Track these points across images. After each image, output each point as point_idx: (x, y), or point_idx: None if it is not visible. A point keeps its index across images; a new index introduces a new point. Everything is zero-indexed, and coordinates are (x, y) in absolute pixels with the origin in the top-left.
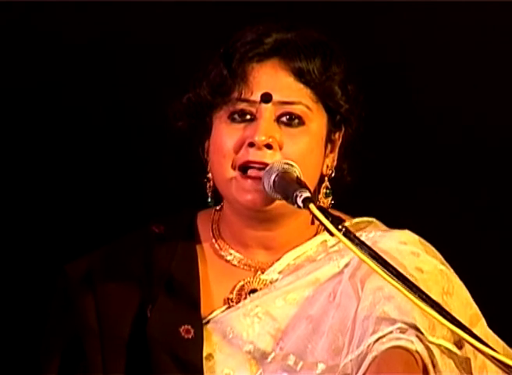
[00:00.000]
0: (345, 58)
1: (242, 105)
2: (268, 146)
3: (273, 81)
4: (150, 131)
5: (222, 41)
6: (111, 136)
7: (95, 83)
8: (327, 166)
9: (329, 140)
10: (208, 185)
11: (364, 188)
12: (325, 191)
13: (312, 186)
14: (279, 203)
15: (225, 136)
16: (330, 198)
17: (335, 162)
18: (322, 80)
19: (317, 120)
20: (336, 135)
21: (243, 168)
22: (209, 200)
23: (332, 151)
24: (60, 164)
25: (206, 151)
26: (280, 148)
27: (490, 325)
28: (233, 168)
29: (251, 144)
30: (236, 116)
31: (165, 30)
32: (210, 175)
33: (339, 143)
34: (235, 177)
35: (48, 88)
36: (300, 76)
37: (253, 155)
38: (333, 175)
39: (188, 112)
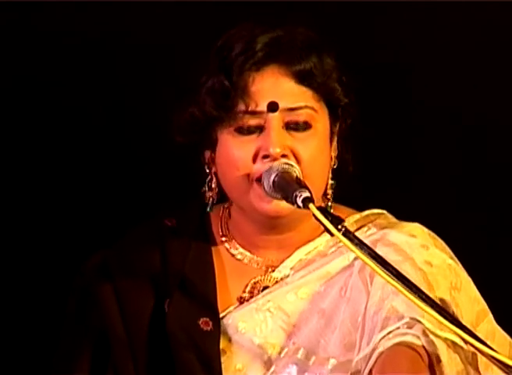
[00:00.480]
0: (334, 50)
1: (249, 120)
2: (283, 155)
3: (275, 88)
4: (150, 129)
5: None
6: (112, 134)
7: (96, 83)
8: (331, 158)
9: (331, 132)
10: (208, 195)
11: (369, 184)
12: (331, 182)
13: (325, 184)
14: (294, 209)
15: (235, 148)
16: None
17: (336, 152)
18: (324, 80)
19: (321, 120)
20: (336, 127)
21: (260, 179)
22: (208, 209)
23: (332, 142)
24: (64, 163)
25: (207, 161)
26: (294, 155)
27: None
28: (249, 180)
29: (266, 156)
30: (243, 129)
31: (165, 30)
32: (213, 185)
33: (337, 131)
34: (252, 188)
35: (48, 88)
36: (301, 78)
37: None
38: (335, 166)
39: (192, 128)
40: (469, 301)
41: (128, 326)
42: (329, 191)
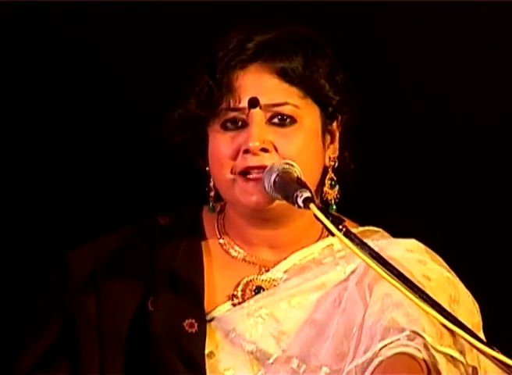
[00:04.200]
0: (330, 51)
1: (233, 116)
2: (264, 150)
3: (258, 85)
4: (152, 127)
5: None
6: (114, 132)
7: (95, 82)
8: (329, 158)
9: (327, 131)
10: (210, 194)
11: (366, 198)
12: (330, 182)
13: (315, 181)
14: (283, 203)
15: (221, 145)
16: (336, 189)
17: (337, 152)
18: (306, 75)
19: (309, 116)
20: (334, 125)
21: (244, 173)
22: (210, 207)
23: (332, 142)
24: (65, 159)
25: (207, 162)
26: (276, 150)
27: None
28: (233, 174)
29: (247, 151)
30: (228, 124)
31: (167, 30)
32: (212, 184)
33: (338, 133)
34: (237, 182)
35: (49, 88)
36: (284, 75)
37: (250, 160)
38: (336, 165)
39: (181, 128)
40: (467, 313)
41: (103, 326)
42: (330, 192)
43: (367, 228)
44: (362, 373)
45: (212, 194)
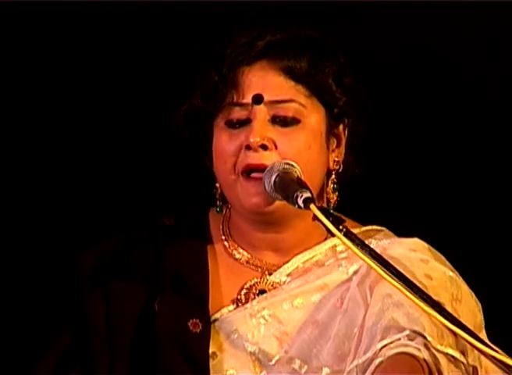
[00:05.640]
0: (339, 54)
1: (237, 111)
2: (264, 147)
3: (263, 82)
4: (159, 127)
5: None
6: (120, 132)
7: (100, 81)
8: (334, 161)
9: (333, 134)
10: (217, 194)
11: (370, 197)
12: (332, 185)
13: (316, 182)
14: (283, 204)
15: (224, 142)
16: (336, 194)
17: (342, 157)
18: (312, 73)
19: (313, 115)
20: (340, 129)
21: (246, 172)
22: (218, 209)
23: (338, 146)
24: (71, 159)
25: (211, 160)
26: (276, 148)
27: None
28: (236, 172)
29: (248, 147)
30: (233, 122)
31: (169, 30)
32: (217, 184)
33: (344, 136)
34: (239, 181)
35: (49, 88)
36: (290, 73)
37: (251, 157)
38: (341, 169)
39: (187, 123)
40: (469, 312)
41: (111, 328)
42: (332, 196)
43: (370, 227)
44: (362, 373)
45: (219, 193)
